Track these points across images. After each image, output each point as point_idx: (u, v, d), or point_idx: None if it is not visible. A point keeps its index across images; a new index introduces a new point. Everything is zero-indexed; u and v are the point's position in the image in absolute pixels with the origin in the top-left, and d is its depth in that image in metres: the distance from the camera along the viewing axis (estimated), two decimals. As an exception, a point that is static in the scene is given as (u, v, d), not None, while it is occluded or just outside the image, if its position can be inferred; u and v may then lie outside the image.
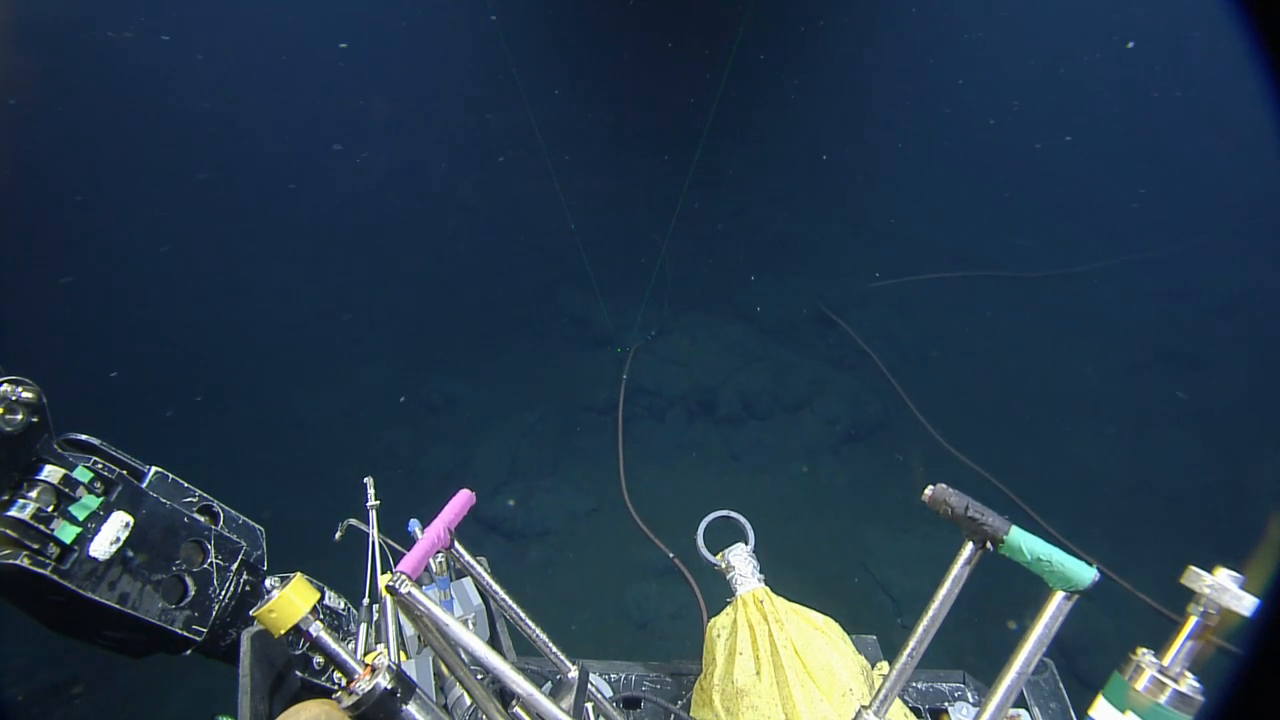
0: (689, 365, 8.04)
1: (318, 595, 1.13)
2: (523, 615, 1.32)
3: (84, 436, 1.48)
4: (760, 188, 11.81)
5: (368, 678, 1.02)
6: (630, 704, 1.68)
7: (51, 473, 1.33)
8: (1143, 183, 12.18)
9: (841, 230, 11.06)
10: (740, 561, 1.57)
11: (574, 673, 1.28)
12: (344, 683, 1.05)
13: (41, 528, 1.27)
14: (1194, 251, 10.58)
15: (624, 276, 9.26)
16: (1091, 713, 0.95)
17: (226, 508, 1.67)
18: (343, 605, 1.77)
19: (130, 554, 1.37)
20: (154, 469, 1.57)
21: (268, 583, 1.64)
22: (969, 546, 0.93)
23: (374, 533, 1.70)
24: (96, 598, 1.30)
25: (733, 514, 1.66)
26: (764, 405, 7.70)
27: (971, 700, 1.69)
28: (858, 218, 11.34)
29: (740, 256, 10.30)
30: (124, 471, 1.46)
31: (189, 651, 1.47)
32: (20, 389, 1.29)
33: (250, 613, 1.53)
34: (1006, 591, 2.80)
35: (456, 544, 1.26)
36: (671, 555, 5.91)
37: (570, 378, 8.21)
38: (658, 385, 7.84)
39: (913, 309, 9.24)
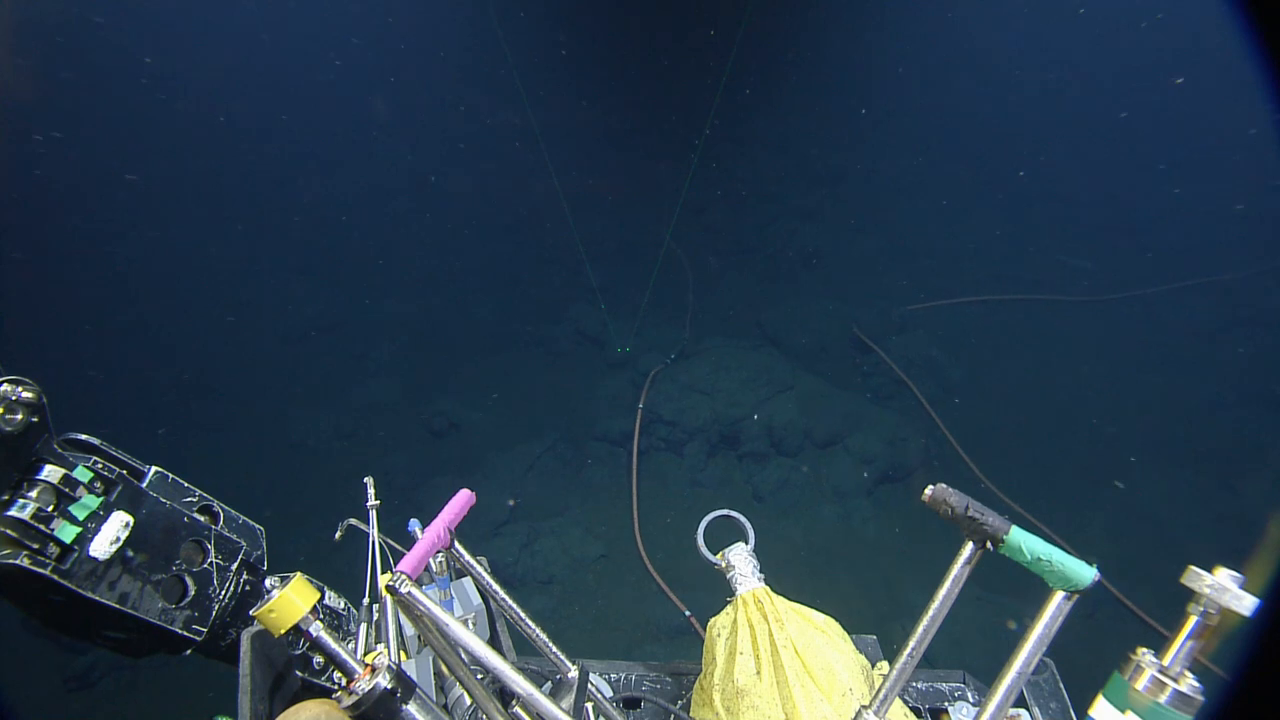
0: (711, 394, 8.08)
1: (318, 595, 1.24)
2: (523, 615, 1.44)
3: (84, 436, 1.61)
4: (790, 201, 11.87)
5: (368, 678, 1.12)
6: (630, 704, 1.82)
7: (51, 472, 1.46)
8: (1228, 195, 11.49)
9: (878, 247, 11.04)
10: (740, 561, 1.73)
11: (574, 673, 1.39)
12: (344, 683, 1.15)
13: (41, 527, 1.39)
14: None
15: (641, 292, 9.42)
16: (1091, 713, 1.04)
17: (226, 508, 1.81)
18: (343, 605, 1.90)
19: (130, 554, 1.51)
20: (154, 469, 1.72)
21: (268, 583, 1.78)
22: (969, 546, 1.03)
23: (374, 533, 1.84)
24: (96, 598, 1.43)
25: (733, 513, 1.80)
26: (792, 440, 7.70)
27: (971, 700, 1.81)
28: (895, 234, 11.27)
29: (768, 275, 10.37)
30: (124, 471, 1.60)
31: (189, 651, 1.59)
32: (20, 389, 1.41)
33: (250, 613, 1.65)
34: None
35: (456, 544, 1.38)
36: (688, 614, 5.80)
37: (582, 403, 8.33)
38: (677, 415, 7.88)
39: (956, 335, 9.16)
